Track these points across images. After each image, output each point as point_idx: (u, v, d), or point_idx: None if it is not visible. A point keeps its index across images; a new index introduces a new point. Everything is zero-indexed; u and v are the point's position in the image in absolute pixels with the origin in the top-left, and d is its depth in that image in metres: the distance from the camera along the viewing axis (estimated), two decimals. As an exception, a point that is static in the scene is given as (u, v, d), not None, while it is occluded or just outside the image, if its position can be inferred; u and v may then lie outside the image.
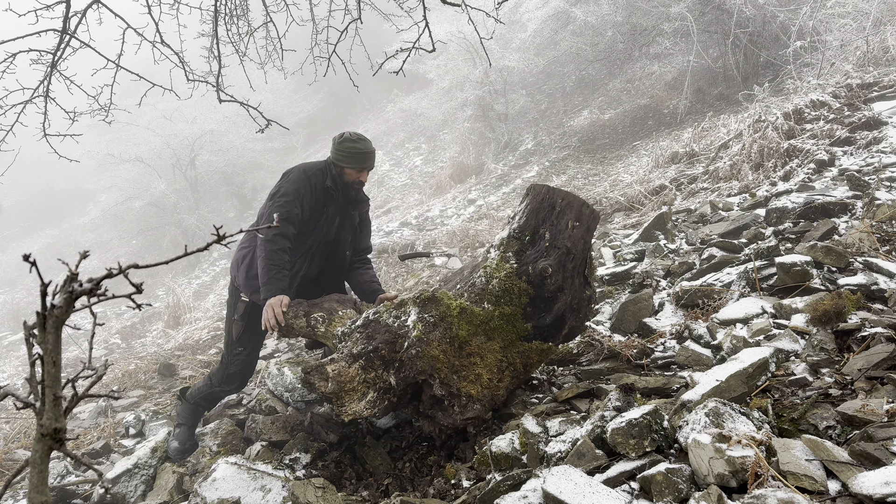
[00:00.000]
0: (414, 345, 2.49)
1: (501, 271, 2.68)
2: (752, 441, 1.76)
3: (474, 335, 2.57)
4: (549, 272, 2.62)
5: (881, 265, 2.89)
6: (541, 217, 2.77)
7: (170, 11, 3.80)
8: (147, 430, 4.01)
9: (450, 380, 2.48)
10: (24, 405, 0.94)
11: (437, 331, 2.52)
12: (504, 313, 2.62)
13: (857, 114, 5.80)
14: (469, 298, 2.66)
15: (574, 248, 2.68)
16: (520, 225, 2.80)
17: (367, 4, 3.97)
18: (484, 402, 2.54)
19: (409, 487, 2.55)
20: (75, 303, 0.92)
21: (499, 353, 2.60)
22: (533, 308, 2.68)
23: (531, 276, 2.66)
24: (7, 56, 3.11)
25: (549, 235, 2.71)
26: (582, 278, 2.76)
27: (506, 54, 14.28)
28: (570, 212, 2.70)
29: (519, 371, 2.67)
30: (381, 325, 2.66)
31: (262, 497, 2.39)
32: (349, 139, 3.16)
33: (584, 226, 2.72)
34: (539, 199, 2.78)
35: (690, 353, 2.77)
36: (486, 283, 2.67)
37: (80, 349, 8.91)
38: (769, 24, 10.17)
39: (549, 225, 2.73)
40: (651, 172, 7.99)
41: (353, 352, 2.62)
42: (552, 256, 2.66)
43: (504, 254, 2.75)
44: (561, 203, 2.72)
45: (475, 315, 2.59)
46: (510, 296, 2.64)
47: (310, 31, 4.34)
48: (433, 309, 2.58)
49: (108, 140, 18.07)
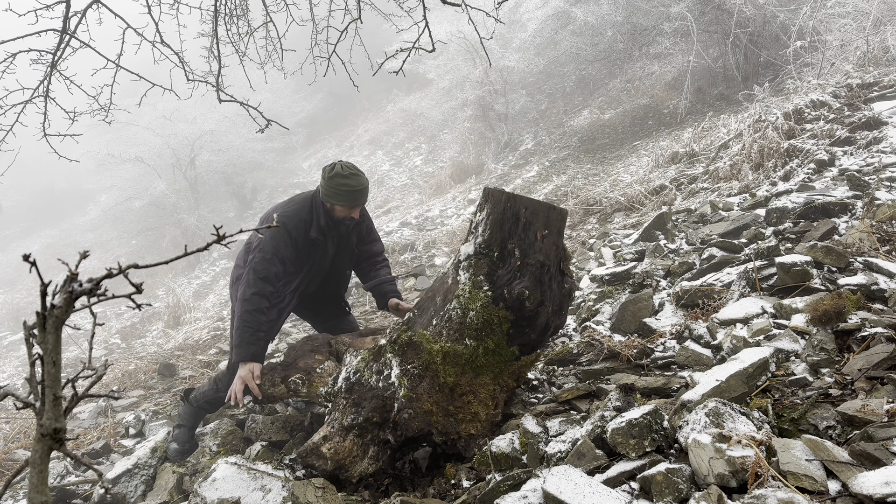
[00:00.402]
0: (405, 407, 2.43)
1: (476, 301, 2.46)
2: (752, 441, 1.76)
3: (462, 374, 2.47)
4: (526, 295, 2.44)
5: (881, 265, 2.89)
6: (506, 230, 2.52)
7: (170, 11, 3.80)
8: (147, 430, 4.01)
9: (448, 427, 2.46)
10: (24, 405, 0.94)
11: (423, 382, 2.44)
12: (488, 348, 2.47)
13: (857, 114, 5.80)
14: (448, 337, 2.49)
15: (548, 258, 2.51)
16: (484, 239, 2.56)
17: (367, 4, 3.97)
18: (485, 434, 2.55)
19: (409, 487, 2.55)
20: (75, 303, 0.92)
21: (490, 385, 2.52)
22: (516, 329, 2.53)
23: (508, 300, 2.46)
24: (7, 56, 3.11)
25: (518, 252, 2.49)
26: (559, 276, 2.60)
27: (506, 54, 14.28)
28: (537, 221, 2.49)
29: (512, 386, 2.64)
30: (365, 389, 2.57)
31: (262, 497, 2.39)
32: (339, 175, 2.92)
33: (555, 230, 2.54)
34: (500, 209, 2.52)
35: (690, 353, 2.77)
36: (462, 316, 2.48)
37: (80, 349, 8.91)
38: (769, 24, 10.17)
39: (517, 239, 2.50)
40: (651, 172, 7.98)
41: (343, 424, 2.56)
42: (527, 276, 2.47)
43: (475, 278, 2.51)
44: (525, 213, 2.49)
45: (459, 355, 2.46)
46: (491, 327, 2.47)
47: (310, 31, 4.34)
48: (414, 358, 2.47)
49: (108, 140, 18.06)
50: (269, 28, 4.37)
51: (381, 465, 2.54)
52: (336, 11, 4.29)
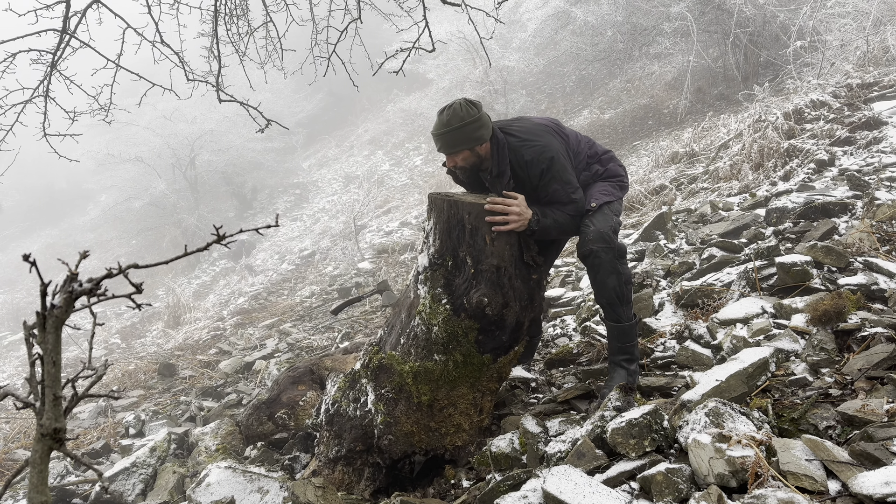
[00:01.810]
0: (384, 434, 2.43)
1: (438, 315, 2.39)
2: (752, 441, 1.76)
3: (438, 390, 2.42)
4: (485, 303, 2.35)
5: (881, 265, 2.89)
6: (455, 237, 2.42)
7: (170, 11, 3.80)
8: (147, 430, 4.01)
9: (432, 444, 2.45)
10: (24, 405, 0.94)
11: (400, 405, 2.42)
12: (457, 361, 2.40)
13: (857, 114, 5.80)
14: (417, 355, 2.44)
15: (502, 260, 2.39)
16: (437, 249, 2.47)
17: (367, 4, 3.97)
18: (474, 440, 2.53)
19: (409, 487, 2.55)
20: (75, 303, 0.92)
21: (469, 395, 2.47)
22: (485, 335, 2.43)
23: (469, 310, 2.37)
24: (7, 56, 3.11)
25: (470, 260, 2.40)
26: (523, 270, 2.48)
27: (506, 54, 14.29)
28: (483, 225, 2.37)
29: (496, 388, 2.60)
30: (344, 420, 2.57)
31: (260, 498, 2.39)
32: None
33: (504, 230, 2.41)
34: (445, 217, 2.42)
35: (690, 353, 2.77)
36: (427, 332, 2.42)
37: (80, 349, 8.92)
38: (769, 24, 10.17)
39: (467, 246, 2.40)
40: (651, 172, 7.98)
41: (329, 457, 2.58)
42: (483, 283, 2.37)
43: (433, 290, 2.43)
44: (470, 219, 2.38)
45: (431, 372, 2.40)
46: (457, 340, 2.39)
47: (310, 31, 4.34)
48: (387, 382, 2.45)
49: (108, 140, 18.08)
50: (269, 28, 4.37)
51: (380, 485, 2.54)
52: (336, 11, 4.29)
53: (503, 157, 2.58)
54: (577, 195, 2.60)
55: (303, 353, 5.49)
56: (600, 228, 2.52)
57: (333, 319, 6.43)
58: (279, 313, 8.16)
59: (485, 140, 2.55)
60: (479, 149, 2.56)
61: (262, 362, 5.21)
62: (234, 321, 8.51)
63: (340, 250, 11.81)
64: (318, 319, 6.93)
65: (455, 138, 2.51)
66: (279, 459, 3.02)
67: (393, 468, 2.53)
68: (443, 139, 2.53)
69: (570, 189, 2.58)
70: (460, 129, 2.49)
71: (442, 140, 2.54)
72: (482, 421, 2.56)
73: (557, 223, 2.53)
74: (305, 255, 13.30)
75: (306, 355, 5.31)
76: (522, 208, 2.39)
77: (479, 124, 2.51)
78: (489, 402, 2.57)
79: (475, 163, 2.60)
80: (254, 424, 2.95)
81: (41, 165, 24.39)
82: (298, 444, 3.09)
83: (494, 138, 2.59)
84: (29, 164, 23.57)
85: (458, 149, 2.54)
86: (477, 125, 2.51)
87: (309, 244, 14.46)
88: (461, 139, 2.51)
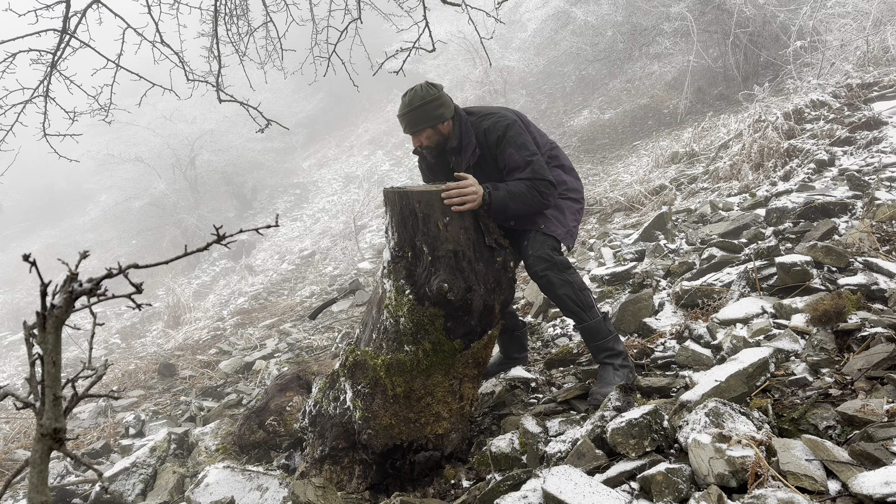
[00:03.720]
0: (363, 429, 2.44)
1: (403, 307, 2.41)
2: (752, 441, 1.76)
3: (413, 380, 2.43)
4: (446, 288, 2.35)
5: (881, 265, 2.89)
6: (410, 227, 2.44)
7: (170, 11, 3.80)
8: (147, 430, 4.01)
9: (412, 434, 2.45)
10: (24, 405, 0.94)
11: (376, 399, 2.43)
12: (427, 350, 2.41)
13: (857, 114, 5.80)
14: (388, 348, 2.46)
15: (458, 244, 2.41)
16: (396, 242, 2.50)
17: (367, 4, 3.97)
18: (457, 427, 2.53)
19: (409, 487, 2.55)
20: (75, 303, 0.92)
21: (445, 382, 2.47)
22: (453, 322, 2.43)
23: (432, 297, 2.38)
24: (7, 56, 3.11)
25: (426, 248, 2.41)
26: (486, 253, 2.49)
27: (506, 54, 14.29)
28: (434, 211, 2.39)
29: (475, 374, 2.59)
30: (325, 419, 2.59)
31: (259, 497, 2.39)
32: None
33: (456, 214, 2.43)
34: (398, 208, 2.46)
35: (690, 353, 2.77)
36: (395, 324, 2.44)
37: (80, 349, 8.92)
38: (769, 24, 10.17)
39: (422, 235, 2.42)
40: (651, 172, 7.98)
41: (315, 456, 2.59)
42: (441, 269, 2.38)
43: (397, 283, 2.46)
44: (420, 207, 2.40)
45: (403, 364, 2.42)
46: (424, 329, 2.40)
47: (310, 31, 4.34)
48: (362, 378, 2.46)
49: (108, 140, 18.08)
50: (269, 28, 4.37)
51: (373, 480, 2.54)
52: (336, 11, 4.29)
53: (466, 131, 2.70)
54: (533, 157, 2.62)
55: (303, 353, 5.49)
56: (537, 253, 2.63)
57: (332, 320, 6.43)
58: (279, 313, 8.16)
59: (446, 118, 2.66)
60: (442, 127, 2.68)
61: (262, 362, 5.21)
62: (234, 321, 8.51)
63: (340, 250, 11.82)
64: (318, 320, 6.93)
65: (417, 117, 2.63)
66: (276, 456, 3.03)
67: (383, 464, 2.54)
68: (406, 119, 2.66)
69: (525, 153, 2.63)
70: (421, 108, 2.61)
71: (406, 120, 2.66)
72: (463, 408, 2.55)
73: (512, 193, 2.53)
74: (305, 255, 13.31)
75: (306, 355, 5.31)
76: (474, 186, 2.44)
77: (440, 103, 2.63)
78: (469, 388, 2.56)
79: (439, 141, 2.72)
80: (246, 434, 2.99)
81: (41, 165, 24.40)
82: (294, 444, 3.09)
83: (457, 116, 2.72)
84: (29, 164, 23.58)
85: (420, 127, 2.65)
86: (437, 104, 2.63)
87: (309, 244, 14.46)
88: (423, 118, 2.63)
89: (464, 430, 2.58)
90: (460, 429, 2.55)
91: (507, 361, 3.21)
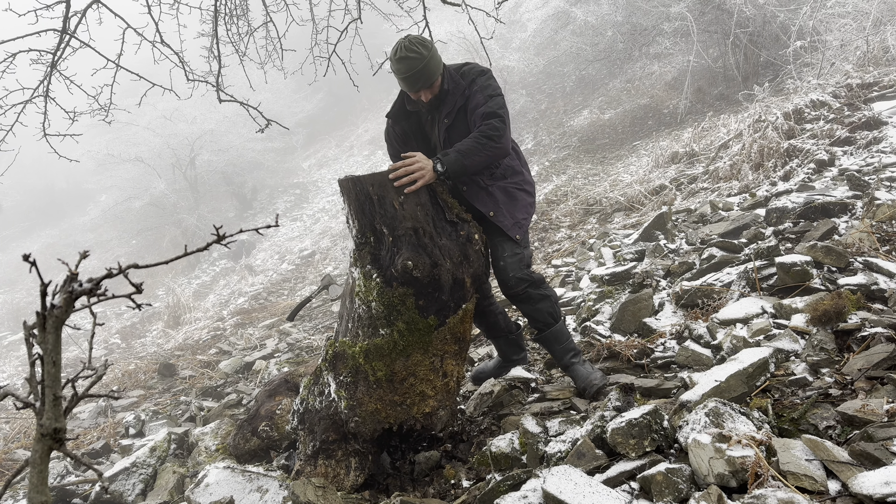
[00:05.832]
0: (350, 417, 2.44)
1: (372, 291, 2.43)
2: (752, 441, 1.76)
3: (393, 363, 2.43)
4: (410, 266, 2.36)
5: (881, 265, 2.89)
6: (367, 212, 2.46)
7: (170, 11, 3.80)
8: (147, 429, 4.01)
9: (400, 416, 2.46)
10: (24, 405, 0.94)
11: (359, 386, 2.45)
12: (401, 330, 2.41)
13: (857, 114, 5.80)
14: (365, 334, 2.48)
15: (417, 221, 2.42)
16: (357, 229, 2.52)
17: (367, 4, 3.97)
18: (444, 404, 2.53)
19: (409, 487, 2.55)
20: (75, 303, 0.92)
21: (426, 361, 2.47)
22: (424, 299, 2.43)
23: (400, 277, 2.39)
24: (7, 56, 3.11)
25: (386, 230, 2.44)
26: (448, 228, 2.50)
27: (506, 54, 14.29)
28: (388, 192, 2.41)
29: (457, 349, 2.56)
30: (313, 414, 2.60)
31: (259, 498, 2.39)
32: (391, 58, 2.65)
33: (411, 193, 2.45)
34: (354, 195, 2.48)
35: (690, 353, 2.77)
36: (368, 310, 2.45)
37: (80, 349, 8.91)
38: (769, 24, 10.17)
39: (380, 217, 2.44)
40: (651, 172, 7.99)
41: (307, 453, 2.59)
42: (404, 247, 2.40)
43: (363, 269, 2.47)
44: (374, 190, 2.43)
45: (381, 348, 2.43)
46: (396, 310, 2.41)
47: (310, 31, 4.34)
48: (343, 368, 2.48)
49: (108, 140, 18.07)
50: (269, 28, 4.37)
51: (370, 471, 2.54)
52: (336, 11, 4.30)
53: (452, 76, 2.70)
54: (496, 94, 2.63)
55: (303, 352, 5.49)
56: (515, 274, 2.70)
57: (332, 319, 6.43)
58: (279, 313, 8.16)
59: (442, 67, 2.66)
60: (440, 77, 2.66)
61: (262, 362, 5.21)
62: (234, 321, 8.51)
63: (340, 250, 11.82)
64: (318, 319, 6.93)
65: (430, 71, 2.59)
66: (276, 456, 3.02)
67: (378, 453, 2.54)
68: (417, 76, 2.57)
69: (489, 91, 2.65)
70: (430, 63, 2.58)
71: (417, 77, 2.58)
72: (448, 384, 2.54)
73: (462, 152, 2.51)
74: (305, 255, 13.30)
75: (306, 355, 5.31)
76: (423, 161, 2.44)
77: (436, 53, 2.65)
78: (452, 364, 2.55)
79: (438, 91, 2.70)
80: (240, 444, 3.00)
81: (41, 165, 24.38)
82: (293, 444, 3.09)
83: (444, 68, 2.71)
84: (29, 164, 23.56)
85: (432, 80, 2.62)
86: (437, 54, 2.64)
87: (309, 244, 14.46)
88: (434, 71, 2.60)
89: (452, 407, 2.59)
90: (448, 405, 2.55)
91: (506, 365, 3.21)
